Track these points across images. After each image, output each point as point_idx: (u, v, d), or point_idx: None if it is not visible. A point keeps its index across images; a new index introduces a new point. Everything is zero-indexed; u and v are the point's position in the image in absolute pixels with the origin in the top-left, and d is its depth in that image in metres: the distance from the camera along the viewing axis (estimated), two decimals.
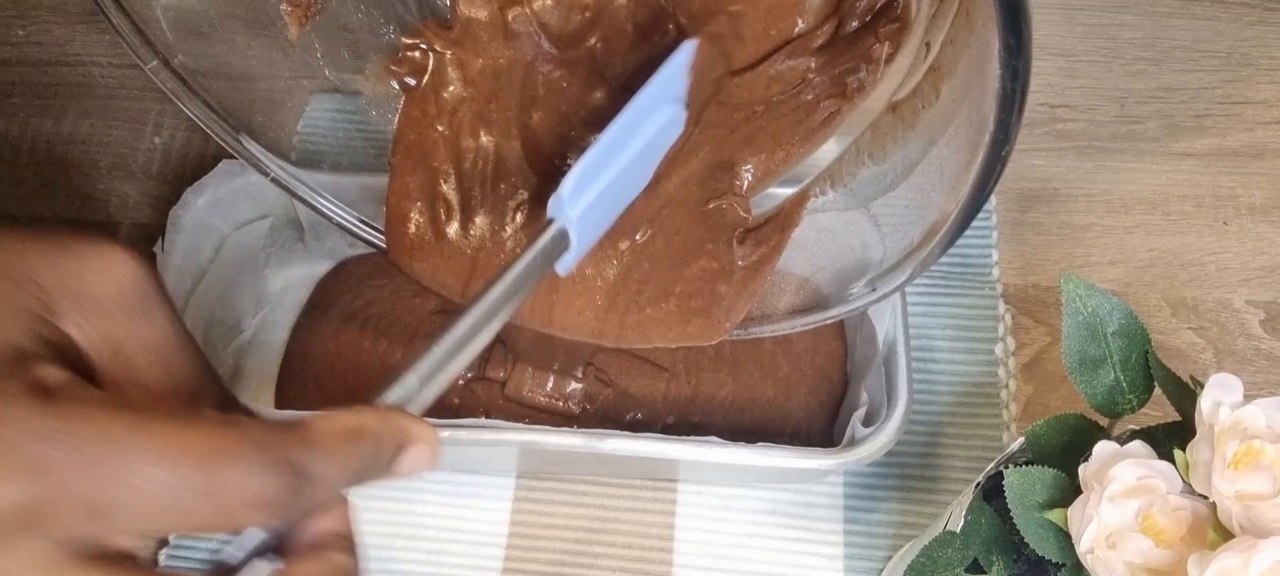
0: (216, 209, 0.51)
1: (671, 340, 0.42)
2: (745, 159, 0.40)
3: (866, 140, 0.38)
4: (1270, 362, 0.54)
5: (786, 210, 0.41)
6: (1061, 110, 0.61)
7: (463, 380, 0.52)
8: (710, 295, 0.41)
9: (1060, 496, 0.33)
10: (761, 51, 0.39)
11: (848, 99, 0.38)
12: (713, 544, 0.49)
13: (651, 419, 0.51)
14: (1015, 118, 0.28)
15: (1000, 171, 0.30)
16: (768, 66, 0.39)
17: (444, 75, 0.43)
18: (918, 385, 0.51)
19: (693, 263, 0.41)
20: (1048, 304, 0.55)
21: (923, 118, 0.35)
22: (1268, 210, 0.58)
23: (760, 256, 0.41)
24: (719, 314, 0.41)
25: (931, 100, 0.34)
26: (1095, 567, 0.31)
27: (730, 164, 0.41)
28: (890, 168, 0.38)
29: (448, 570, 0.49)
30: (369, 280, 0.55)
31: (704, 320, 0.41)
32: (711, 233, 0.41)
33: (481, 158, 0.43)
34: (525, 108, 0.43)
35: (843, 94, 0.38)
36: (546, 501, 0.50)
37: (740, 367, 0.51)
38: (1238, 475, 0.30)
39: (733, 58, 0.39)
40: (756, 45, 0.39)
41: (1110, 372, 0.37)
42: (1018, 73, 0.26)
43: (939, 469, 0.51)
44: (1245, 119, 0.61)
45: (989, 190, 0.31)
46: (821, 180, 0.41)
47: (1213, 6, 0.65)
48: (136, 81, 0.63)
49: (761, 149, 0.40)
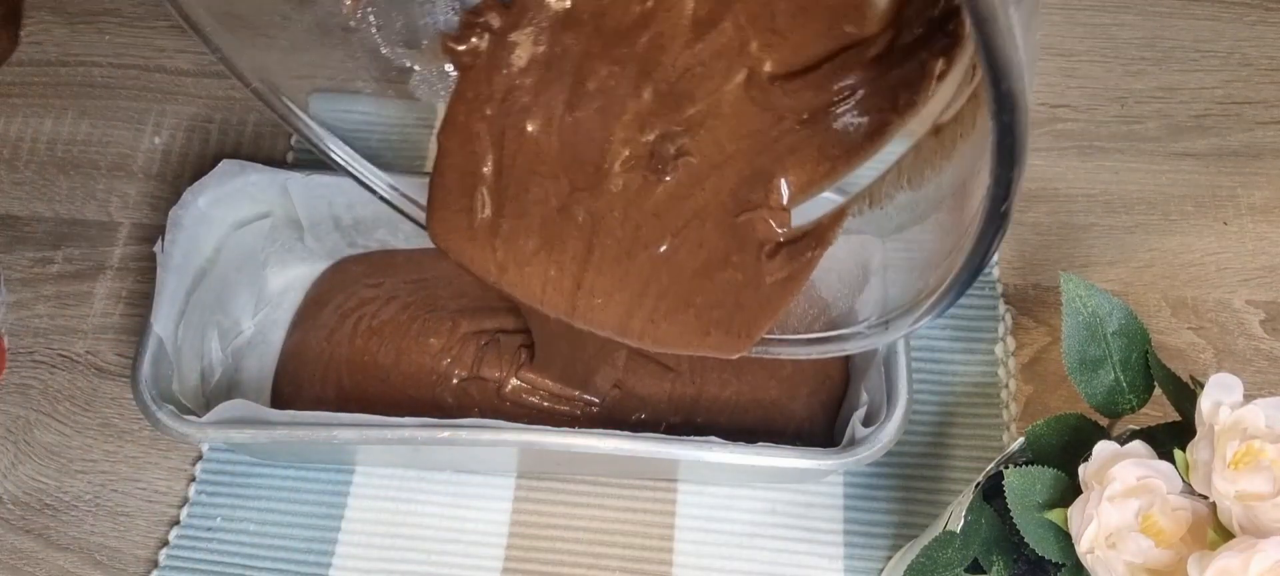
0: (216, 209, 0.51)
1: (691, 349, 0.41)
2: (786, 170, 0.39)
3: (908, 162, 0.37)
4: (1270, 362, 0.54)
5: (823, 226, 0.39)
6: (1061, 110, 0.61)
7: (456, 379, 0.52)
8: (732, 307, 0.40)
9: (1060, 496, 0.33)
10: (814, 57, 0.38)
11: (899, 114, 0.37)
12: (713, 544, 0.49)
13: (656, 418, 0.51)
14: (1010, 172, 0.27)
15: (998, 232, 0.29)
16: (818, 74, 0.38)
17: (499, 58, 0.42)
18: (918, 385, 0.51)
19: (718, 273, 0.41)
20: (1048, 304, 0.55)
21: (959, 148, 0.34)
22: (1268, 210, 0.58)
23: (790, 272, 0.40)
24: (739, 327, 0.41)
25: (970, 129, 0.33)
26: (1095, 567, 0.31)
27: (769, 175, 0.40)
28: (922, 197, 0.37)
29: (448, 570, 0.49)
30: (363, 280, 0.55)
31: (724, 333, 0.41)
32: (740, 244, 0.40)
33: (523, 151, 0.43)
34: (570, 105, 0.42)
35: (894, 109, 0.37)
36: (546, 501, 0.50)
37: (744, 367, 0.51)
38: (1238, 475, 0.30)
39: (781, 61, 0.39)
40: (809, 50, 0.38)
41: (1110, 372, 0.37)
42: (1008, 126, 0.25)
43: (939, 469, 0.51)
44: (1245, 119, 0.61)
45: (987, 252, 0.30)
46: (861, 199, 0.40)
47: (1213, 6, 0.65)
48: (136, 81, 0.63)
49: (805, 160, 0.39)
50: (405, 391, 0.52)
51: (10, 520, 0.50)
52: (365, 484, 0.51)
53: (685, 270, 0.41)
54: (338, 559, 0.49)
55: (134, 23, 0.65)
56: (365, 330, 0.53)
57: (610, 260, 0.41)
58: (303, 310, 0.55)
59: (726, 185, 0.40)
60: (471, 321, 0.53)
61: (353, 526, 0.50)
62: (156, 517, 0.50)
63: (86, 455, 0.52)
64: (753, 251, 0.40)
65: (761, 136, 0.39)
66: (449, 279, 0.54)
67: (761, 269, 0.40)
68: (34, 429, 0.53)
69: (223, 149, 0.61)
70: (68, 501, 0.51)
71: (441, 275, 0.55)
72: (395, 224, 0.54)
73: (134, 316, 0.55)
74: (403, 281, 0.55)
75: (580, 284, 0.42)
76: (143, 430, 0.52)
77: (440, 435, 0.44)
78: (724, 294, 0.40)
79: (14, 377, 0.54)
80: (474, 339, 0.53)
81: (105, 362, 0.54)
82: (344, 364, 0.52)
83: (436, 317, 0.53)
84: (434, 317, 0.53)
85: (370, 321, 0.53)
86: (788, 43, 0.38)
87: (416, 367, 0.52)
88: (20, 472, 0.51)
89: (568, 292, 0.42)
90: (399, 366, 0.52)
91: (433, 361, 0.52)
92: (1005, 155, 0.26)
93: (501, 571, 0.49)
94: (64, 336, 0.55)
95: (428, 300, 0.54)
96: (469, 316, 0.53)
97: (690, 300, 0.41)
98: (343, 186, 0.52)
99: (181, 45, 0.65)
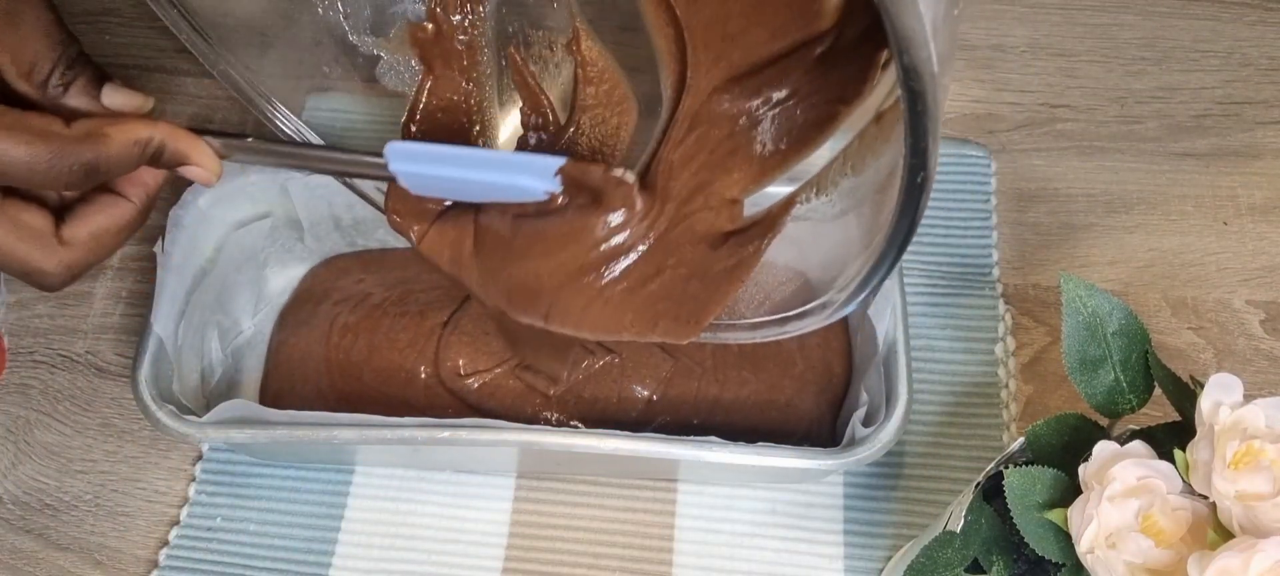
0: (216, 209, 0.51)
1: (643, 337, 0.42)
2: (738, 164, 0.40)
3: (852, 149, 0.38)
4: (1270, 362, 0.54)
5: (773, 215, 0.40)
6: (1061, 110, 0.61)
7: (423, 374, 0.52)
8: (679, 298, 0.41)
9: (1060, 496, 0.33)
10: (765, 57, 0.38)
11: (846, 104, 0.38)
12: (713, 544, 0.49)
13: (681, 420, 0.51)
14: (922, 142, 0.27)
15: (919, 203, 0.30)
16: (771, 72, 0.39)
17: (456, 47, 0.43)
18: (918, 385, 0.51)
19: (666, 263, 0.41)
20: (1048, 304, 0.55)
21: (897, 131, 0.35)
22: (1268, 210, 0.58)
23: (739, 260, 0.40)
24: (687, 315, 0.41)
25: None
26: (1095, 567, 0.31)
27: (724, 168, 0.40)
28: (863, 182, 0.38)
29: (448, 570, 0.49)
30: (344, 278, 0.55)
31: (672, 321, 0.41)
32: (690, 238, 0.41)
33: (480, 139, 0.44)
34: None
35: (841, 99, 0.38)
36: (546, 501, 0.50)
37: (762, 366, 0.51)
38: (1238, 475, 0.30)
39: (732, 63, 0.39)
40: (760, 50, 0.39)
41: (1110, 372, 0.37)
42: (918, 93, 0.26)
43: (939, 469, 0.51)
44: (1245, 119, 0.61)
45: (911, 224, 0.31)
46: (808, 187, 0.41)
47: (1213, 6, 0.65)
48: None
49: (755, 154, 0.40)
50: (378, 388, 0.52)
51: (10, 520, 0.50)
52: (365, 484, 0.51)
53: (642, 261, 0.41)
54: (338, 559, 0.49)
55: (134, 23, 0.65)
56: (339, 326, 0.53)
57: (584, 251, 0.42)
58: (289, 308, 0.55)
59: (685, 183, 0.41)
60: (438, 313, 0.53)
61: (353, 526, 0.50)
62: (156, 517, 0.50)
63: (86, 455, 0.52)
64: (704, 241, 0.41)
65: (716, 129, 0.40)
66: (424, 275, 0.55)
67: (708, 258, 0.40)
68: (34, 429, 0.53)
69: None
70: (68, 501, 0.51)
71: (421, 272, 0.55)
72: None
73: (134, 316, 0.55)
74: (383, 279, 0.55)
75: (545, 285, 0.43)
76: (143, 430, 0.52)
77: (440, 435, 0.44)
78: (670, 286, 0.41)
79: (14, 377, 0.54)
80: (439, 330, 0.53)
81: (105, 362, 0.54)
82: (322, 361, 0.52)
83: (408, 314, 0.53)
84: (405, 315, 0.53)
85: (347, 317, 0.53)
86: (738, 46, 0.38)
87: (387, 364, 0.52)
88: (20, 472, 0.51)
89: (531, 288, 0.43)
90: (371, 363, 0.52)
91: (400, 357, 0.52)
92: (917, 124, 0.27)
93: (501, 571, 0.49)
94: (64, 336, 0.55)
95: (402, 297, 0.54)
96: (436, 309, 0.53)
97: (638, 292, 0.41)
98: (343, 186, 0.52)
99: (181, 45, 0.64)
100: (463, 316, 0.53)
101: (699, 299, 0.40)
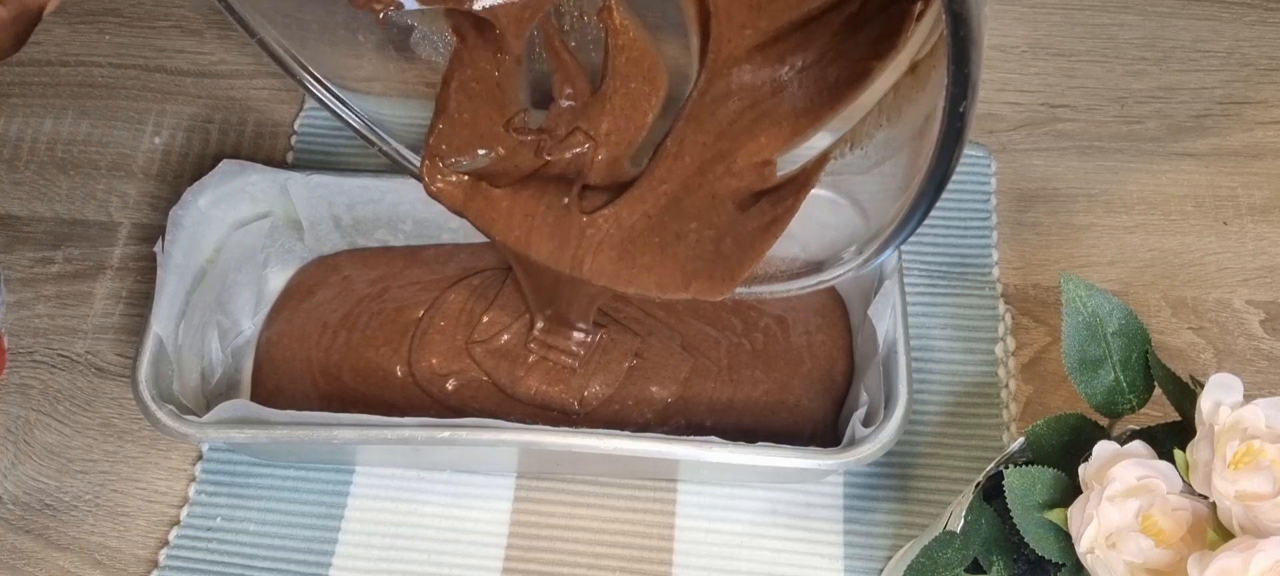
0: (216, 209, 0.51)
1: (674, 293, 0.42)
2: (765, 129, 0.40)
3: (888, 101, 0.38)
4: (1270, 362, 0.54)
5: (807, 171, 0.40)
6: (1061, 110, 0.61)
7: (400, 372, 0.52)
8: (712, 255, 0.41)
9: (1060, 496, 0.33)
10: (792, 21, 0.38)
11: (880, 59, 0.38)
12: (713, 544, 0.49)
13: (695, 421, 0.51)
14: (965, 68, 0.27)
15: (960, 134, 0.30)
16: (795, 38, 0.38)
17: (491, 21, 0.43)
18: (918, 385, 0.51)
19: (701, 220, 0.42)
20: (1048, 304, 0.55)
21: (933, 78, 0.34)
22: (1268, 210, 0.58)
23: (774, 216, 0.40)
24: (722, 273, 0.41)
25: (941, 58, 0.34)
26: (1095, 567, 0.31)
27: (750, 135, 0.40)
28: (897, 132, 0.38)
29: (448, 570, 0.49)
30: (334, 271, 0.55)
31: (706, 279, 0.41)
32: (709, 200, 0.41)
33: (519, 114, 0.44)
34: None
35: (875, 54, 0.38)
36: (546, 501, 0.50)
37: (773, 366, 0.51)
38: (1238, 475, 0.30)
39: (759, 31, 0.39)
40: (786, 16, 0.38)
41: (1110, 372, 0.37)
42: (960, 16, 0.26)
43: (939, 469, 0.51)
44: (1245, 119, 0.61)
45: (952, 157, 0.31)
46: (842, 142, 0.40)
47: (1213, 6, 0.65)
48: (136, 81, 0.63)
49: (791, 111, 0.40)
50: (358, 388, 0.52)
51: (10, 520, 0.50)
52: (365, 484, 0.51)
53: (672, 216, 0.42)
54: (338, 559, 0.49)
55: (134, 23, 0.65)
56: (321, 325, 0.53)
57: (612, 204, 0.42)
58: (275, 307, 0.54)
59: (714, 142, 0.41)
60: (412, 310, 0.53)
61: (353, 526, 0.50)
62: (156, 517, 0.50)
63: (86, 455, 0.52)
64: (738, 199, 0.41)
65: (750, 90, 0.40)
66: (404, 271, 0.55)
67: (738, 220, 0.40)
68: (34, 429, 0.53)
69: (223, 149, 0.61)
70: (68, 501, 0.51)
71: (404, 268, 0.55)
72: (394, 224, 0.54)
73: (134, 316, 0.55)
74: (365, 276, 0.55)
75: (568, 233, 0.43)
76: (143, 430, 0.52)
77: (440, 435, 0.44)
78: (700, 247, 0.41)
79: (14, 377, 0.54)
80: (412, 327, 0.53)
81: (105, 362, 0.54)
82: (305, 362, 0.52)
83: (384, 312, 0.53)
84: (382, 312, 0.53)
85: (327, 317, 0.53)
86: (765, 14, 0.38)
87: (365, 363, 0.52)
88: (20, 472, 0.51)
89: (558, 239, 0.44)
90: (349, 362, 0.52)
91: (376, 355, 0.52)
92: (960, 51, 0.27)
93: (501, 571, 0.49)
94: (64, 336, 0.55)
95: (380, 293, 0.54)
96: (410, 307, 0.53)
97: (674, 247, 0.42)
98: (343, 186, 0.52)
99: (181, 45, 0.65)
100: (436, 314, 0.53)
101: (733, 257, 0.41)
